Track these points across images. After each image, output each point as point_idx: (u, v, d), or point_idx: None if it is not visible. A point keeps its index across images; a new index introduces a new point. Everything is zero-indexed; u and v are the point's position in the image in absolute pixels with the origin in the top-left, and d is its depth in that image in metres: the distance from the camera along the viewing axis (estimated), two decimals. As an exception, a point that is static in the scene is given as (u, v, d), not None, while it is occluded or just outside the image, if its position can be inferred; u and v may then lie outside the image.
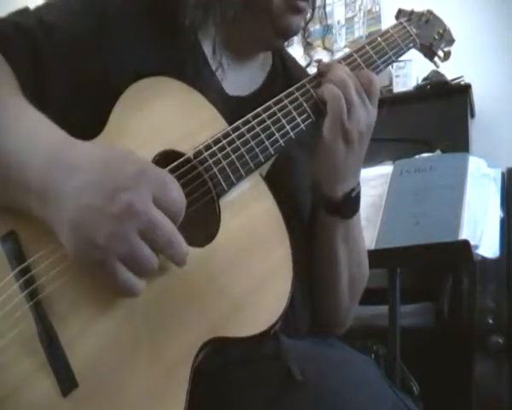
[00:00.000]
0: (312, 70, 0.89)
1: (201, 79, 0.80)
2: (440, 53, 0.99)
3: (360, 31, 3.55)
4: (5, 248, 0.61)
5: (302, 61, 1.00)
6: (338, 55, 0.88)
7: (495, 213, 1.41)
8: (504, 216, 1.59)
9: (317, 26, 0.98)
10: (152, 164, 0.62)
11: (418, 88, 2.89)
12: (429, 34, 0.97)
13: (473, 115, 3.04)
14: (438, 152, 1.96)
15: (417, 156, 1.60)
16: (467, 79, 2.85)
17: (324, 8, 0.94)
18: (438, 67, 1.01)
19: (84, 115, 0.66)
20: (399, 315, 1.48)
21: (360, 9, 3.57)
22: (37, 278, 0.60)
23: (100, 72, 0.74)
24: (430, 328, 1.90)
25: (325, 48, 0.98)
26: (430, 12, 0.99)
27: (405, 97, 2.87)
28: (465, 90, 2.84)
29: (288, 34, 0.87)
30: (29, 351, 0.58)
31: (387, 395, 0.68)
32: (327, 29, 0.97)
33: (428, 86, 2.83)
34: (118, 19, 0.78)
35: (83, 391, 0.58)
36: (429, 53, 0.99)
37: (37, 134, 0.63)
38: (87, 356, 0.59)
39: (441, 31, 0.98)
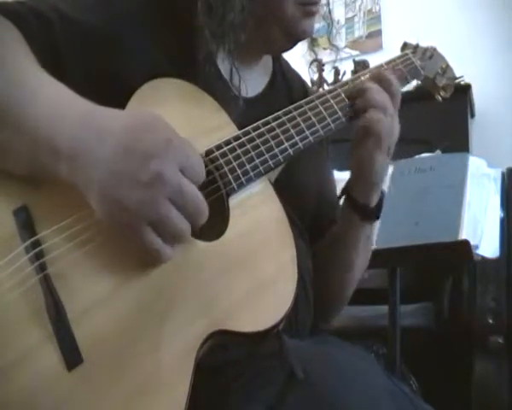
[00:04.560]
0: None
1: (210, 79, 0.81)
2: (442, 87, 1.03)
3: (360, 31, 3.55)
4: (17, 221, 0.61)
5: (302, 61, 1.01)
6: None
7: (495, 213, 1.41)
8: (504, 216, 1.59)
9: (319, 25, 0.98)
10: (176, 133, 0.63)
11: (418, 88, 2.89)
12: (433, 68, 1.01)
13: (473, 115, 3.04)
14: (438, 152, 1.96)
15: (417, 156, 1.60)
16: (467, 79, 2.84)
17: (328, 4, 0.95)
18: (441, 99, 1.05)
19: None
20: (399, 315, 1.48)
21: (360, 9, 3.57)
22: (48, 251, 0.61)
23: (113, 70, 0.74)
24: (430, 328, 1.90)
25: (331, 44, 0.99)
26: (433, 48, 1.02)
27: (405, 97, 2.85)
28: (465, 90, 2.83)
29: (303, 39, 0.89)
30: (36, 323, 0.58)
31: (388, 396, 0.68)
32: (332, 27, 0.98)
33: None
34: (131, 19, 0.78)
35: (87, 367, 0.58)
36: (432, 86, 1.03)
37: (65, 101, 0.64)
38: (95, 333, 0.59)
39: (444, 66, 1.02)
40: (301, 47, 0.95)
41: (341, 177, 1.09)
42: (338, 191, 1.04)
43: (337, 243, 0.92)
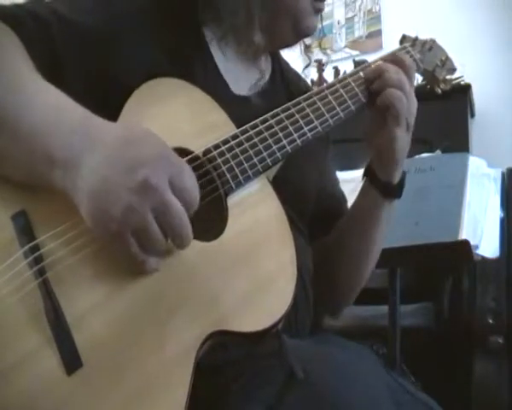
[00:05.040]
0: (311, 71, 0.90)
1: (209, 78, 0.81)
2: (442, 80, 1.03)
3: (360, 31, 3.55)
4: (15, 226, 0.61)
5: (299, 63, 1.02)
6: (336, 55, 0.89)
7: (495, 213, 1.41)
8: (504, 216, 1.59)
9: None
10: (171, 150, 0.63)
11: (418, 88, 2.89)
12: (432, 60, 1.00)
13: (473, 115, 3.04)
14: (438, 152, 1.96)
15: (417, 156, 1.60)
16: (467, 79, 2.84)
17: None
18: (440, 92, 1.04)
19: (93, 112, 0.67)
20: (399, 315, 1.48)
21: (360, 9, 3.57)
22: (47, 256, 0.61)
23: (112, 71, 0.74)
24: (430, 328, 1.90)
25: (322, 49, 1.01)
26: (433, 40, 1.02)
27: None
28: (465, 90, 2.83)
29: (308, 35, 0.90)
30: (35, 327, 0.58)
31: (389, 394, 0.68)
32: (323, 31, 0.99)
33: (428, 86, 2.82)
34: (131, 19, 0.78)
35: (87, 371, 0.58)
36: (431, 79, 1.03)
37: (61, 108, 0.64)
38: (94, 337, 0.59)
39: (443, 58, 1.01)
40: (300, 47, 0.96)
41: (341, 177, 1.09)
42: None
43: (357, 224, 0.93)
